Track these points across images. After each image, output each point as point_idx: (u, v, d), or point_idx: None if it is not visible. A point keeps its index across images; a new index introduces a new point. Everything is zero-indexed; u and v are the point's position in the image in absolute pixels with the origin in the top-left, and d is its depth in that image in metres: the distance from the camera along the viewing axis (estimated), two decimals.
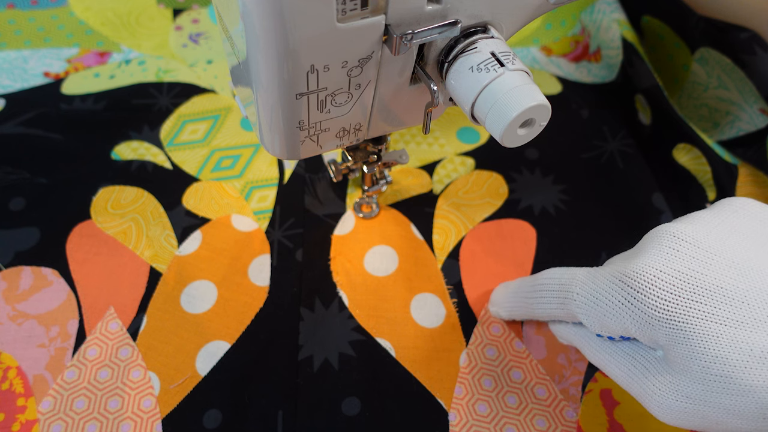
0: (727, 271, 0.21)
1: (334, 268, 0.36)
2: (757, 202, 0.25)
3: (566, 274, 0.27)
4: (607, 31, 0.48)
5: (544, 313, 0.28)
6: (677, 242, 0.23)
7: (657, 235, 0.24)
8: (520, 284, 0.31)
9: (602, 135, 0.44)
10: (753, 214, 0.24)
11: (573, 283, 0.26)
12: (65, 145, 0.41)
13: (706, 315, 0.21)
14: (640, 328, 0.23)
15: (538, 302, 0.28)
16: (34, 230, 0.36)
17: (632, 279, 0.23)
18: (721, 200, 0.25)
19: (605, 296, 0.24)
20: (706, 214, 0.24)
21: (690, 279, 0.22)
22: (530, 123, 0.22)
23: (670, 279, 0.22)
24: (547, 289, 0.28)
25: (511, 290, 0.32)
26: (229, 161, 0.41)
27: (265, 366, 0.32)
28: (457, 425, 0.30)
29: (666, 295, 0.22)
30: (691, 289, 0.21)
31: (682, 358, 0.22)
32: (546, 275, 0.28)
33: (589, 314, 0.25)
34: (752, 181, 0.40)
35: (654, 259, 0.22)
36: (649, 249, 0.23)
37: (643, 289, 0.22)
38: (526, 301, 0.30)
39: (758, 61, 0.39)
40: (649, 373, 0.23)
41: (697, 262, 0.22)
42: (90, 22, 0.49)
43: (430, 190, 0.40)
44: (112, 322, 0.33)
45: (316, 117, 0.25)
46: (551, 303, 0.27)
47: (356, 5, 0.20)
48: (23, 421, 0.29)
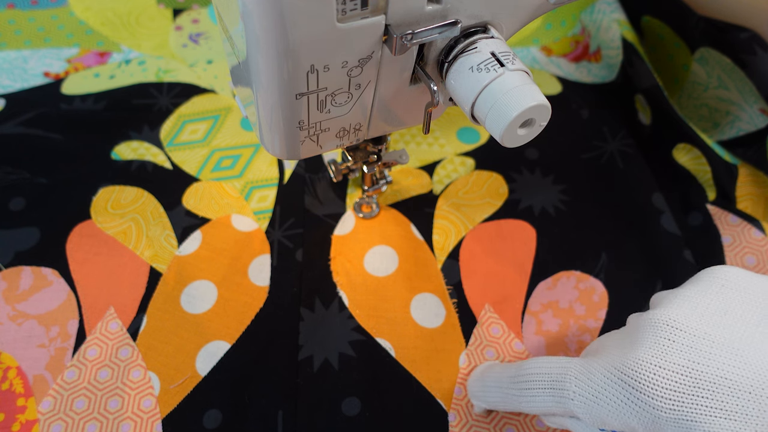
0: (728, 360, 0.21)
1: (334, 268, 0.36)
2: (741, 270, 0.24)
3: (556, 368, 0.25)
4: (607, 31, 0.48)
5: (537, 410, 0.26)
6: (672, 332, 0.22)
7: (649, 323, 0.23)
8: (501, 377, 0.28)
9: (602, 135, 0.44)
10: (741, 287, 0.23)
11: (567, 380, 0.24)
12: (65, 145, 0.41)
13: (713, 410, 0.20)
14: (645, 426, 0.22)
15: (528, 399, 0.26)
16: (34, 230, 0.36)
17: (632, 378, 0.22)
18: (704, 272, 0.24)
19: (605, 394, 0.23)
20: (694, 293, 0.23)
21: (692, 372, 0.21)
22: (530, 123, 0.22)
23: (672, 375, 0.21)
24: (538, 387, 0.25)
25: (491, 383, 0.29)
26: (229, 161, 0.41)
27: (265, 366, 0.32)
28: (456, 425, 0.30)
29: (670, 393, 0.21)
30: (695, 383, 0.21)
31: None
32: (532, 369, 0.26)
33: (589, 413, 0.24)
34: (752, 181, 0.40)
35: (651, 353, 0.22)
36: (644, 341, 0.22)
37: (645, 388, 0.21)
38: (511, 396, 0.27)
39: (758, 61, 0.39)
40: None
41: (696, 353, 0.21)
42: (90, 22, 0.49)
43: (430, 190, 0.40)
44: (112, 322, 0.33)
45: (316, 117, 0.25)
46: (544, 400, 0.25)
47: (356, 5, 0.20)
48: (23, 421, 0.29)
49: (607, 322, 0.34)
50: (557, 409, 0.25)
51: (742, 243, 0.37)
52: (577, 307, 0.35)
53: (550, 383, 0.25)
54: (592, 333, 0.34)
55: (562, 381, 0.24)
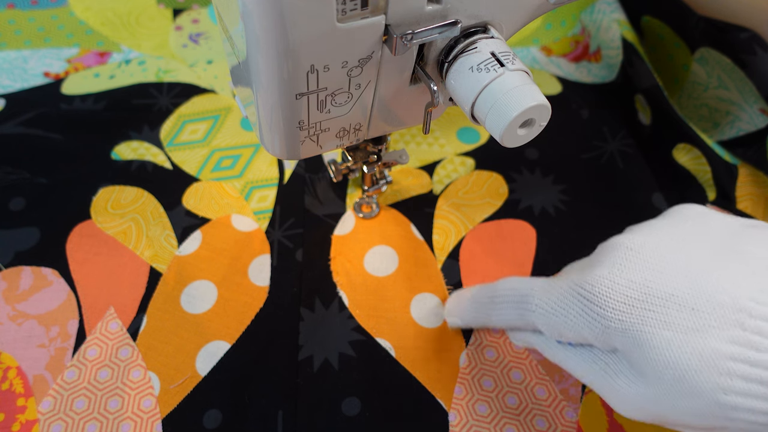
0: (677, 279, 0.22)
1: (334, 268, 0.36)
2: (707, 208, 0.26)
3: (524, 285, 0.28)
4: (607, 31, 0.48)
5: (503, 323, 0.29)
6: (630, 253, 0.24)
7: (611, 246, 0.25)
8: (477, 294, 0.31)
9: (602, 135, 0.44)
10: (704, 221, 0.25)
11: (532, 294, 0.27)
12: (65, 145, 0.41)
13: (659, 323, 0.22)
14: (597, 337, 0.24)
15: (497, 313, 0.29)
16: (34, 230, 0.36)
17: (588, 291, 0.24)
18: (674, 207, 0.26)
19: (563, 307, 0.25)
20: (659, 223, 0.25)
21: (643, 288, 0.23)
22: (530, 123, 0.22)
23: (624, 290, 0.23)
24: (506, 300, 0.28)
25: (467, 300, 0.32)
26: (229, 161, 0.41)
27: (265, 366, 0.32)
28: (457, 425, 0.30)
29: (621, 306, 0.23)
30: (644, 298, 0.22)
31: (637, 364, 0.23)
32: (504, 286, 0.29)
33: (548, 324, 0.26)
34: (752, 181, 0.40)
35: (608, 270, 0.24)
36: (604, 260, 0.24)
37: (598, 300, 0.23)
38: (484, 312, 0.30)
39: (758, 61, 0.39)
40: (609, 374, 0.24)
41: (649, 272, 0.23)
42: (90, 22, 0.49)
43: (430, 190, 0.40)
44: (112, 322, 0.33)
45: (316, 117, 0.25)
46: (510, 314, 0.28)
47: (356, 5, 0.20)
48: (23, 421, 0.29)
49: None
50: (521, 322, 0.28)
51: None
52: None
53: (518, 298, 0.28)
54: None
55: (527, 296, 0.27)
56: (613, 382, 0.24)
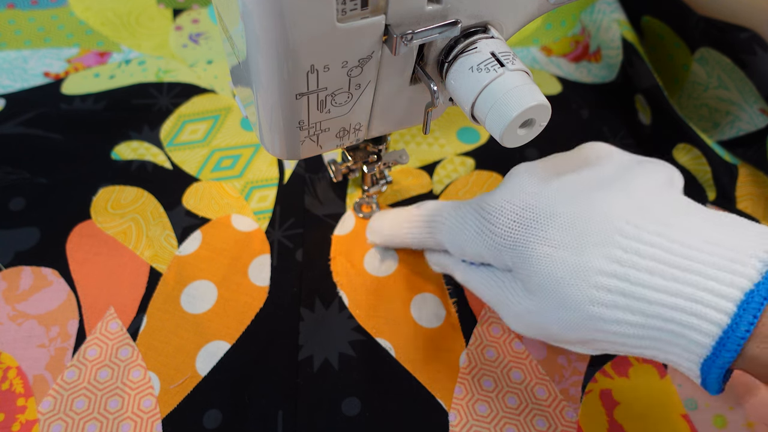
0: (561, 201, 0.25)
1: (334, 268, 0.36)
2: (610, 146, 0.28)
3: (437, 205, 0.31)
4: (607, 31, 0.48)
5: (416, 240, 0.32)
6: (525, 177, 0.26)
7: (513, 172, 0.27)
8: (397, 214, 0.34)
9: (602, 135, 0.44)
10: (603, 155, 0.27)
11: (441, 213, 0.30)
12: (65, 145, 0.41)
13: (542, 240, 0.24)
14: (490, 252, 0.26)
15: (411, 231, 0.32)
16: (34, 230, 0.36)
17: (484, 210, 0.27)
18: (584, 144, 0.29)
19: (464, 224, 0.28)
20: (562, 155, 0.28)
21: (532, 208, 0.25)
22: (530, 123, 0.22)
23: (515, 209, 0.25)
24: (421, 219, 0.32)
25: (388, 218, 0.34)
26: (229, 161, 0.41)
27: (265, 366, 0.32)
28: (457, 425, 0.30)
29: (510, 223, 0.25)
30: (531, 216, 0.25)
31: (524, 278, 0.25)
32: (421, 207, 0.32)
33: (452, 241, 0.29)
34: (752, 181, 0.40)
35: (504, 192, 0.26)
36: (504, 183, 0.27)
37: (491, 217, 0.26)
38: (400, 230, 0.33)
39: (758, 61, 0.39)
40: (503, 291, 0.27)
41: (539, 196, 0.25)
42: (90, 22, 0.49)
43: (430, 190, 0.40)
44: (112, 322, 0.33)
45: (316, 117, 0.25)
46: (422, 231, 0.32)
47: (356, 5, 0.20)
48: (23, 421, 0.29)
49: None
50: (431, 240, 0.31)
51: None
52: None
53: (430, 216, 0.31)
54: None
55: (437, 214, 0.30)
56: (508, 299, 0.27)
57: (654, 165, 0.26)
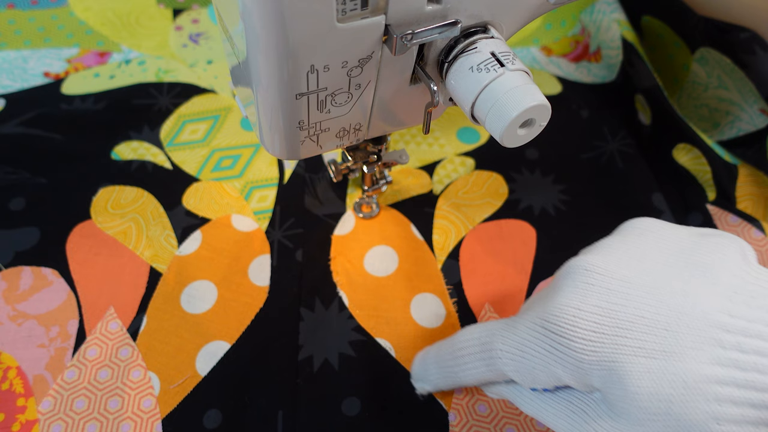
0: (646, 299, 0.21)
1: (334, 268, 0.36)
2: (660, 221, 0.24)
3: (484, 331, 0.25)
4: (607, 31, 0.48)
5: (473, 379, 0.26)
6: (590, 276, 0.22)
7: (569, 271, 0.23)
8: (439, 352, 0.28)
9: (602, 135, 0.44)
10: (659, 235, 0.23)
11: (494, 340, 0.24)
12: (65, 145, 0.41)
13: (634, 349, 0.20)
14: (571, 374, 0.22)
15: (464, 369, 0.26)
16: (34, 230, 0.36)
17: (553, 323, 0.22)
18: (626, 222, 0.25)
19: (530, 347, 0.23)
20: (614, 242, 0.23)
21: (611, 313, 0.21)
22: (530, 123, 0.22)
23: (591, 316, 0.21)
24: (469, 352, 0.26)
25: (431, 361, 0.29)
26: (229, 161, 0.41)
27: (265, 366, 0.32)
28: (456, 425, 0.30)
29: (590, 335, 0.21)
30: (614, 323, 0.21)
31: (619, 400, 0.20)
32: (464, 337, 0.26)
33: (518, 370, 0.24)
34: (752, 181, 0.40)
35: (570, 298, 0.22)
36: (564, 288, 0.22)
37: (565, 332, 0.21)
38: (450, 371, 0.27)
39: (758, 61, 0.39)
40: (590, 419, 0.22)
41: (614, 294, 0.21)
42: (90, 22, 0.49)
43: (430, 190, 0.40)
44: (112, 322, 0.33)
45: (316, 117, 0.25)
46: (477, 366, 0.26)
47: (356, 5, 0.20)
48: (23, 421, 0.29)
49: None
50: (491, 374, 0.25)
51: None
52: None
53: (480, 347, 0.25)
54: None
55: (489, 342, 0.25)
56: (597, 426, 0.22)
57: (722, 239, 0.23)
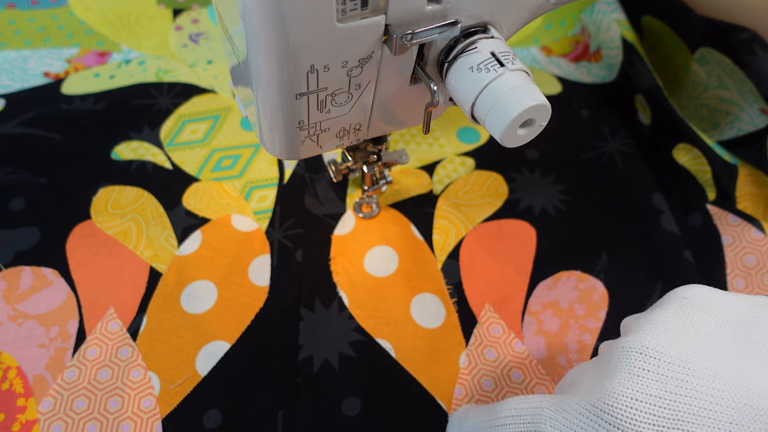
0: (707, 389, 0.20)
1: (334, 268, 0.36)
2: (708, 289, 0.23)
3: (530, 409, 0.24)
4: (607, 31, 0.48)
5: None
6: (646, 360, 0.21)
7: (623, 353, 0.22)
8: (478, 422, 0.27)
9: (602, 135, 0.44)
10: (710, 308, 0.22)
11: (542, 422, 0.23)
12: (65, 145, 0.41)
13: None
14: None
15: None
16: (34, 230, 0.36)
17: (607, 413, 0.20)
18: (674, 293, 0.24)
19: None
20: (665, 317, 0.22)
21: (671, 404, 0.20)
22: (530, 123, 0.22)
23: (649, 408, 0.20)
24: (513, 430, 0.24)
25: (469, 428, 0.27)
26: (229, 161, 0.41)
27: (265, 366, 0.32)
28: None
29: (649, 427, 0.20)
30: (674, 416, 0.20)
31: None
32: (506, 411, 0.25)
33: None
34: (752, 181, 0.40)
35: (626, 385, 0.20)
36: (618, 371, 0.21)
37: (621, 423, 0.20)
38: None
39: (758, 61, 0.39)
40: None
41: (673, 382, 0.20)
42: (90, 22, 0.49)
43: (430, 190, 0.40)
44: (112, 322, 0.33)
45: (316, 117, 0.25)
46: None
47: (356, 5, 0.20)
48: (23, 421, 0.29)
49: (607, 322, 0.34)
50: None
51: (742, 243, 0.37)
52: (577, 307, 0.35)
53: (525, 426, 0.24)
54: (592, 333, 0.34)
55: (536, 423, 0.23)
56: None
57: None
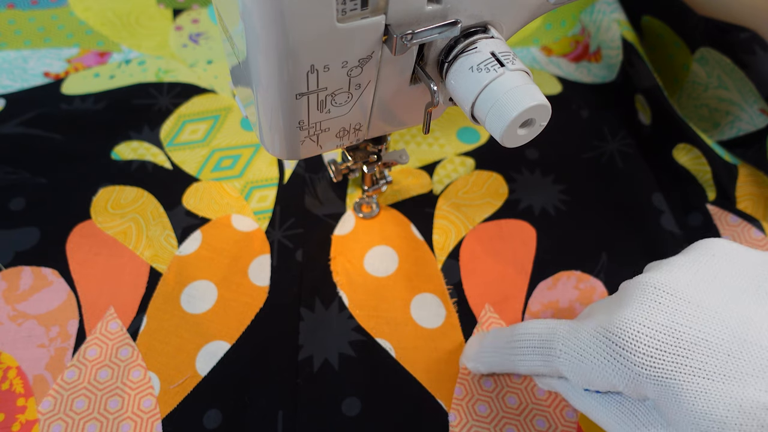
0: (711, 323, 0.21)
1: (334, 268, 0.36)
2: (733, 243, 0.24)
3: (546, 329, 0.26)
4: (607, 31, 0.48)
5: (527, 369, 0.27)
6: (659, 294, 0.22)
7: (638, 286, 0.23)
8: (496, 338, 0.29)
9: (602, 135, 0.44)
10: (731, 258, 0.23)
11: (555, 339, 0.25)
12: (65, 145, 0.41)
13: (693, 369, 0.21)
14: (626, 384, 0.22)
15: (519, 359, 0.27)
16: (34, 230, 0.36)
17: (616, 335, 0.22)
18: (698, 243, 0.25)
19: (590, 353, 0.23)
20: (685, 261, 0.24)
21: (674, 333, 0.21)
22: (530, 123, 0.22)
23: (655, 333, 0.22)
24: (528, 345, 0.27)
25: (487, 345, 0.30)
26: (229, 161, 0.41)
27: (265, 366, 0.32)
28: (457, 426, 0.30)
29: (651, 351, 0.21)
30: (676, 343, 0.21)
31: (671, 413, 0.21)
32: (524, 329, 0.27)
33: (574, 371, 0.24)
34: (752, 181, 0.40)
35: (637, 313, 0.22)
36: (631, 302, 0.23)
37: (627, 345, 0.22)
38: (506, 357, 0.28)
39: (758, 61, 0.39)
40: (640, 423, 0.23)
41: (680, 315, 0.22)
42: (90, 22, 0.49)
43: (430, 190, 0.40)
44: (112, 322, 0.33)
45: (316, 117, 0.25)
46: (534, 360, 0.26)
47: (356, 5, 0.20)
48: (23, 421, 0.29)
49: None
50: (546, 369, 0.26)
51: (742, 243, 0.37)
52: (577, 307, 0.35)
53: (540, 343, 0.26)
54: None
55: (550, 341, 0.25)
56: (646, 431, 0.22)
57: None
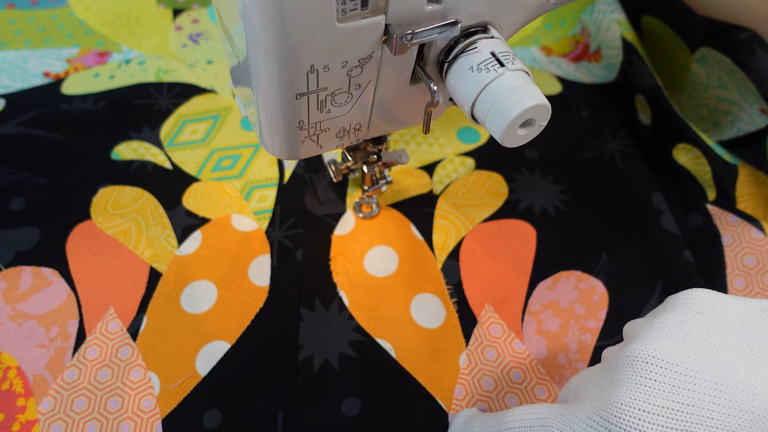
0: (713, 398, 0.20)
1: (334, 268, 0.36)
2: (712, 293, 0.23)
3: (538, 419, 0.24)
4: (607, 31, 0.48)
5: None
6: (652, 369, 0.21)
7: (627, 362, 0.21)
8: (483, 428, 0.26)
9: (602, 135, 0.44)
10: (716, 313, 0.22)
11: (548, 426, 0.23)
12: (65, 145, 0.41)
13: None
14: None
15: None
16: (34, 230, 0.36)
17: (615, 424, 0.20)
18: (677, 297, 0.23)
19: None
20: (670, 323, 0.22)
21: (679, 414, 0.20)
22: (530, 123, 0.22)
23: (657, 418, 0.20)
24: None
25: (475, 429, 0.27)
26: (229, 161, 0.41)
27: (265, 366, 0.32)
28: None
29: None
30: (683, 426, 0.20)
31: None
32: (513, 420, 0.25)
33: None
34: (752, 181, 0.40)
35: (633, 396, 0.20)
36: (624, 382, 0.21)
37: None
38: None
39: (758, 61, 0.39)
40: None
41: (680, 392, 0.20)
42: (90, 22, 0.49)
43: (430, 190, 0.40)
44: (112, 322, 0.33)
45: (316, 117, 0.25)
46: None
47: (356, 5, 0.20)
48: (23, 421, 0.29)
49: (607, 322, 0.34)
50: None
51: (742, 243, 0.37)
52: (577, 307, 0.35)
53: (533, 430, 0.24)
54: (592, 333, 0.34)
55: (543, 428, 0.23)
56: None
57: None
